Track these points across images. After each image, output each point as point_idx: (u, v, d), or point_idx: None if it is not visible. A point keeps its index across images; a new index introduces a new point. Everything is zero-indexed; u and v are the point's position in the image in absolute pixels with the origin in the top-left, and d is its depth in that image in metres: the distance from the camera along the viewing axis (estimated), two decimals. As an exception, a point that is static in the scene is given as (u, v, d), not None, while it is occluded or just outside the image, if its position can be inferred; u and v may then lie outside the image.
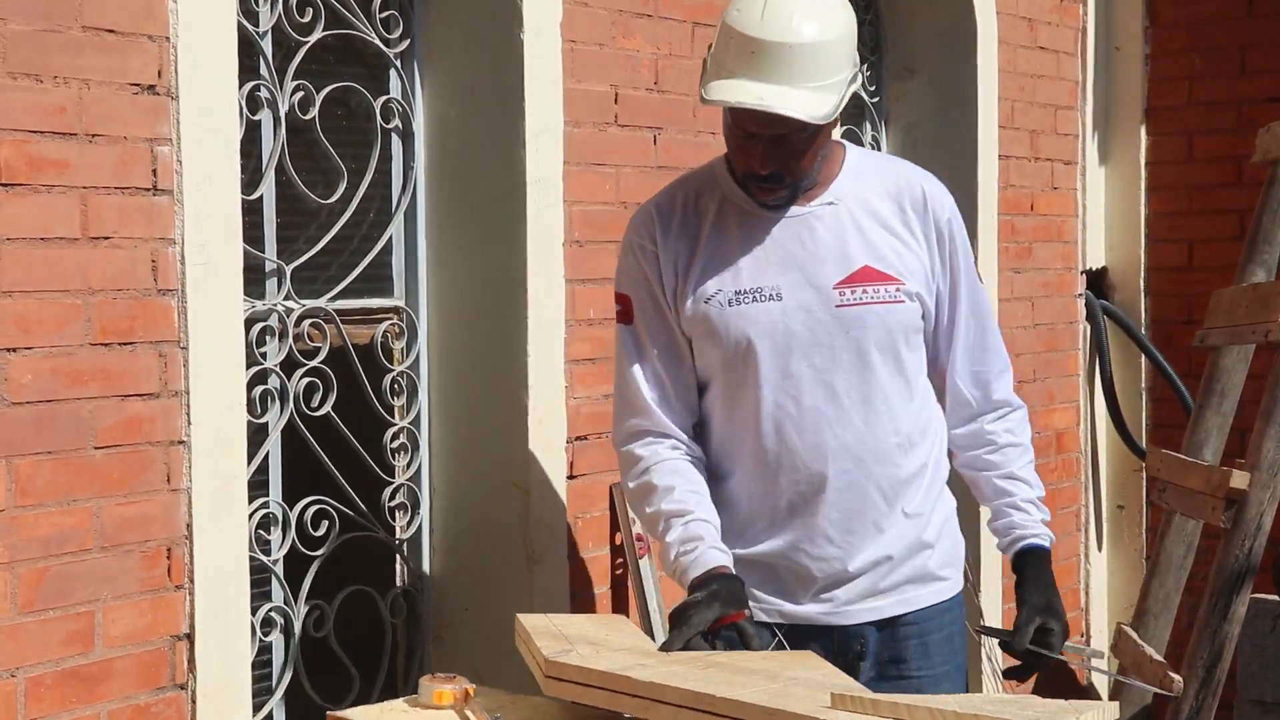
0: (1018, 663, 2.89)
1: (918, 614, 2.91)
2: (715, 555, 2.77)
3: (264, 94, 3.33)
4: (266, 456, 3.35)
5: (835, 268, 2.82)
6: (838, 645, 2.85)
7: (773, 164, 2.75)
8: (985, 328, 2.98)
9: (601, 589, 3.79)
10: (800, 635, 2.84)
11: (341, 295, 3.53)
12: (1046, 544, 2.97)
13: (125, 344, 2.87)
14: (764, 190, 2.80)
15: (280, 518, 3.39)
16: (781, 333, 2.80)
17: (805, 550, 2.85)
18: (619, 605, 3.82)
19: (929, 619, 2.92)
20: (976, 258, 5.04)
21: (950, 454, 3.02)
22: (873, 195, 2.87)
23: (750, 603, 2.80)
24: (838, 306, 2.81)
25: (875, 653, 2.88)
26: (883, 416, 2.85)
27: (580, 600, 3.72)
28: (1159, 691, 3.99)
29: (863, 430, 2.83)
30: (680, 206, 2.89)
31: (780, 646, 2.78)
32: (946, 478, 2.99)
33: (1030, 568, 2.94)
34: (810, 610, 2.86)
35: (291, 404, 3.39)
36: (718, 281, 2.83)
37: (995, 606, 5.11)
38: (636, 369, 2.89)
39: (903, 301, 2.84)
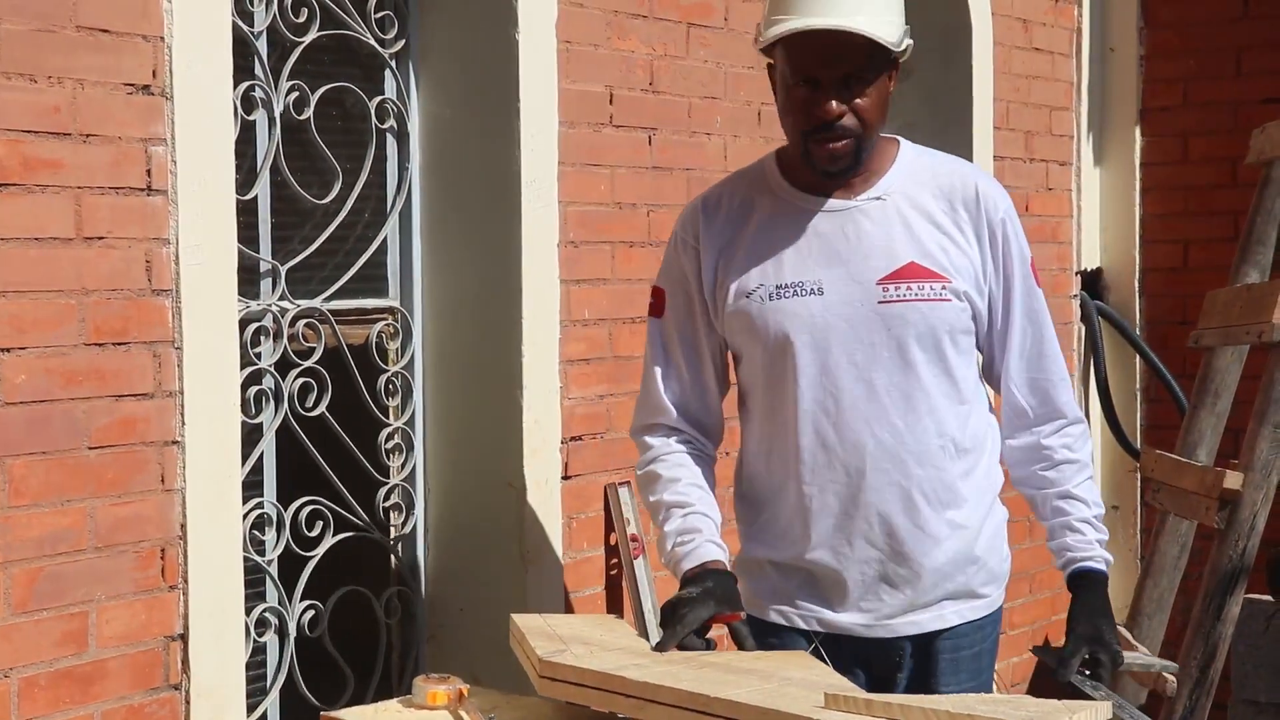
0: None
1: (953, 630, 2.84)
2: (712, 549, 2.75)
3: (259, 94, 3.33)
4: (261, 457, 3.35)
5: (880, 263, 2.75)
6: (876, 656, 2.80)
7: (841, 106, 2.67)
8: (1042, 335, 2.88)
9: (596, 589, 3.79)
10: (838, 644, 2.79)
11: (336, 296, 3.52)
12: (1101, 566, 2.86)
13: (119, 344, 2.87)
14: (829, 145, 2.70)
15: (275, 518, 3.39)
16: (821, 328, 2.74)
17: (845, 555, 2.77)
18: (613, 606, 3.82)
19: (963, 635, 2.85)
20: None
21: (1006, 468, 2.93)
22: (923, 192, 2.80)
23: (786, 607, 2.80)
24: (880, 303, 2.74)
25: (910, 665, 2.82)
26: (925, 417, 2.76)
27: (574, 600, 3.72)
28: (1144, 661, 3.98)
29: (903, 430, 2.75)
30: (726, 202, 2.84)
31: (817, 653, 2.74)
32: (999, 489, 2.90)
33: (1083, 593, 2.83)
34: (849, 620, 2.80)
35: (286, 404, 3.39)
36: (759, 275, 2.77)
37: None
38: (659, 363, 2.87)
39: (949, 300, 2.76)
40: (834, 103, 2.67)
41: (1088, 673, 2.75)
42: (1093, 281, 5.73)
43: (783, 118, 2.78)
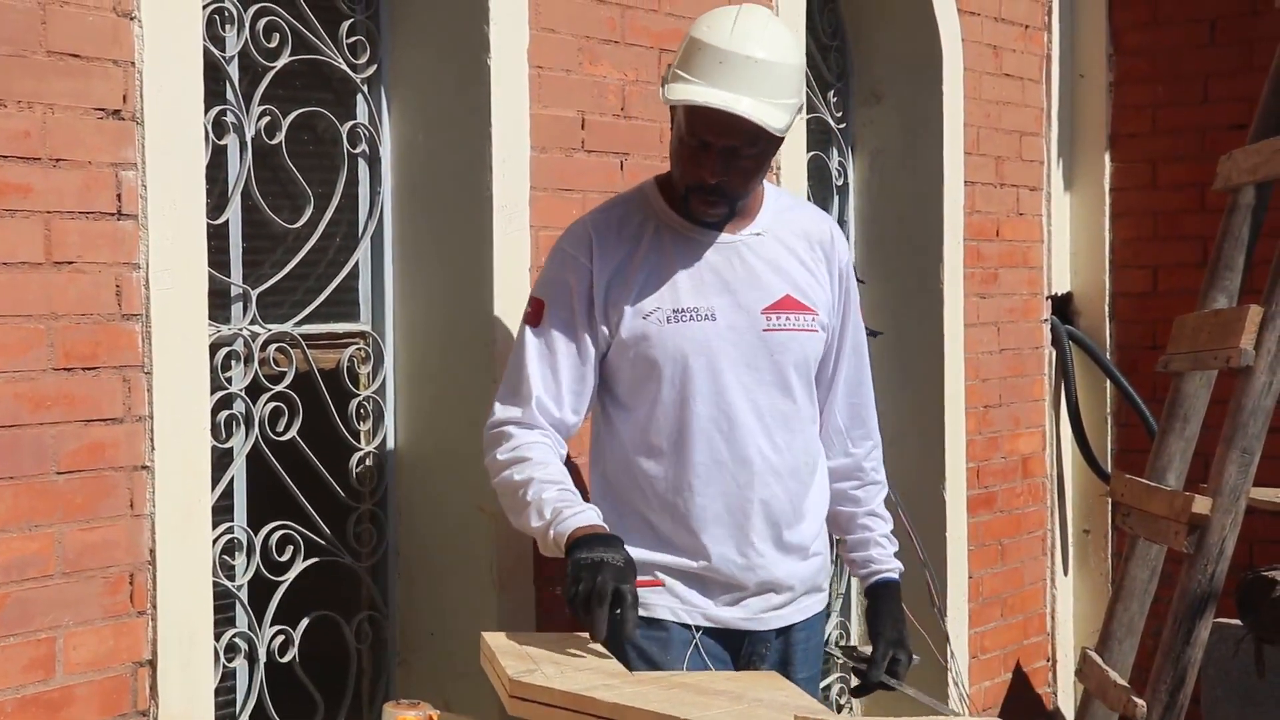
0: (859, 682, 3.20)
1: (806, 621, 3.16)
2: (597, 515, 2.89)
3: (230, 119, 3.33)
4: (231, 481, 3.34)
5: (762, 294, 3.04)
6: (746, 648, 3.07)
7: (720, 173, 2.93)
8: (863, 365, 3.27)
9: (568, 614, 3.78)
10: (714, 637, 3.04)
11: (307, 320, 3.52)
12: (898, 577, 3.29)
13: (89, 369, 2.86)
14: (706, 203, 2.98)
15: (245, 543, 3.38)
16: (715, 351, 3.00)
17: (733, 560, 3.03)
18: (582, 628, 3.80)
19: (812, 625, 3.19)
20: (943, 282, 5.11)
21: None
22: (789, 231, 3.11)
23: (676, 603, 3.02)
24: (765, 330, 3.03)
25: (772, 657, 3.10)
26: (797, 437, 3.08)
27: (547, 624, 3.70)
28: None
29: (782, 448, 3.06)
30: (617, 226, 3.06)
31: (695, 648, 2.98)
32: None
33: (884, 600, 3.24)
34: (729, 615, 3.05)
35: (257, 428, 3.38)
36: (656, 299, 3.00)
37: (961, 631, 5.12)
38: (534, 367, 3.01)
39: (816, 331, 3.09)
40: (715, 169, 2.93)
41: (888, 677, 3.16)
42: (1063, 306, 5.76)
43: (672, 159, 3.03)
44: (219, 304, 3.29)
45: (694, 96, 2.88)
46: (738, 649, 3.07)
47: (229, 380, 3.32)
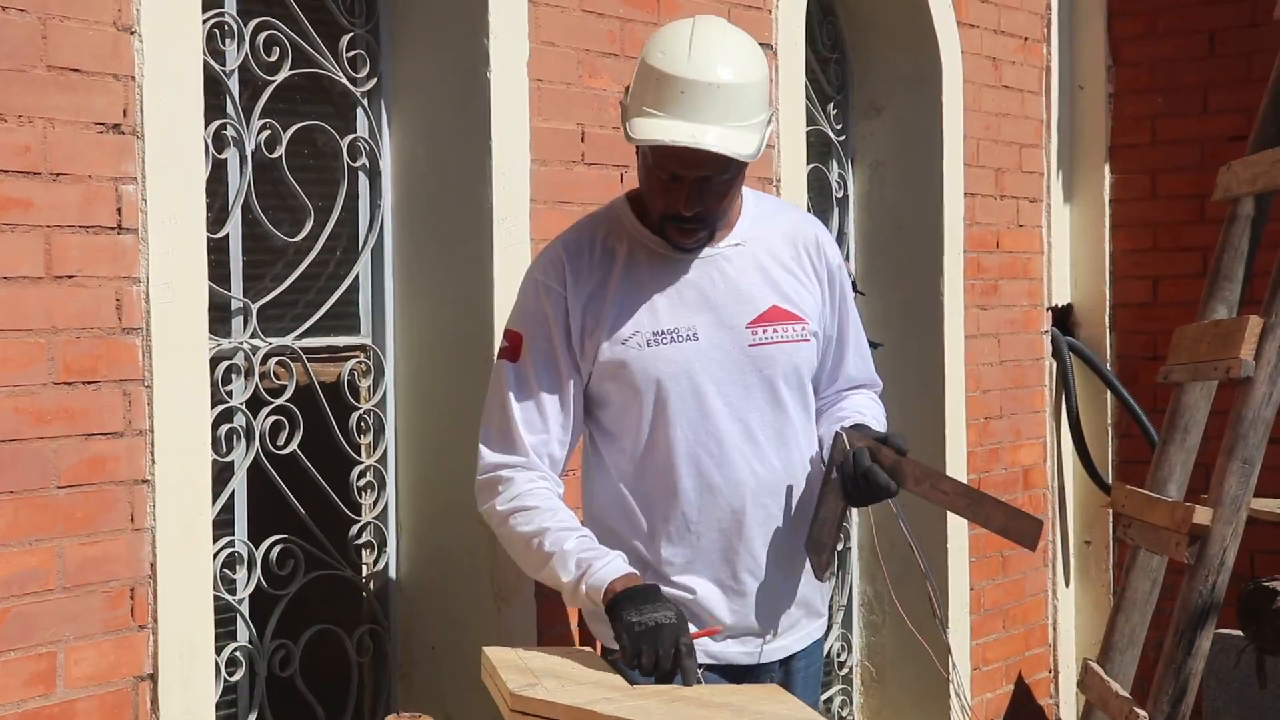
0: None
1: (805, 650, 3.06)
2: (625, 563, 2.79)
3: (230, 133, 3.33)
4: (232, 495, 3.34)
5: (746, 308, 2.92)
6: (750, 680, 2.94)
7: (696, 205, 2.81)
8: (868, 364, 3.18)
9: (570, 626, 3.78)
10: (720, 674, 2.92)
11: (308, 333, 3.52)
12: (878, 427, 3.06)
13: (89, 383, 2.86)
14: (683, 233, 2.87)
15: (246, 556, 3.38)
16: (699, 372, 2.88)
17: (730, 588, 2.93)
18: (586, 643, 3.80)
19: (812, 652, 3.08)
20: (943, 294, 5.10)
21: None
22: (773, 238, 2.99)
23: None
24: (750, 345, 2.91)
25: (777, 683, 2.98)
26: (794, 451, 2.97)
27: (548, 638, 3.71)
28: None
29: (778, 466, 2.94)
30: (588, 249, 2.93)
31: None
32: None
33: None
34: (734, 651, 2.95)
35: (257, 442, 3.38)
36: (634, 323, 2.88)
37: (964, 643, 5.12)
38: (516, 405, 2.89)
39: (807, 340, 2.97)
40: (689, 201, 2.81)
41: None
42: (1063, 317, 5.76)
43: (642, 186, 2.91)
44: (219, 318, 3.29)
45: (659, 135, 2.73)
46: (739, 681, 2.93)
47: (229, 394, 3.32)
